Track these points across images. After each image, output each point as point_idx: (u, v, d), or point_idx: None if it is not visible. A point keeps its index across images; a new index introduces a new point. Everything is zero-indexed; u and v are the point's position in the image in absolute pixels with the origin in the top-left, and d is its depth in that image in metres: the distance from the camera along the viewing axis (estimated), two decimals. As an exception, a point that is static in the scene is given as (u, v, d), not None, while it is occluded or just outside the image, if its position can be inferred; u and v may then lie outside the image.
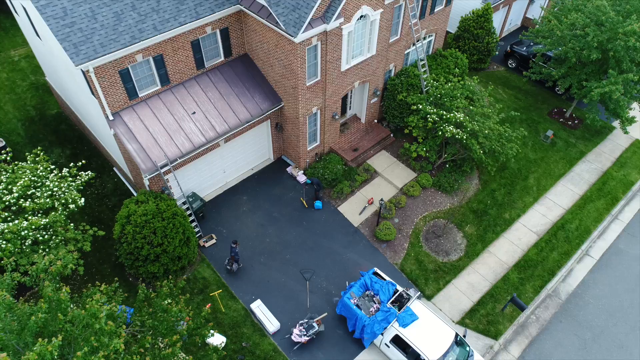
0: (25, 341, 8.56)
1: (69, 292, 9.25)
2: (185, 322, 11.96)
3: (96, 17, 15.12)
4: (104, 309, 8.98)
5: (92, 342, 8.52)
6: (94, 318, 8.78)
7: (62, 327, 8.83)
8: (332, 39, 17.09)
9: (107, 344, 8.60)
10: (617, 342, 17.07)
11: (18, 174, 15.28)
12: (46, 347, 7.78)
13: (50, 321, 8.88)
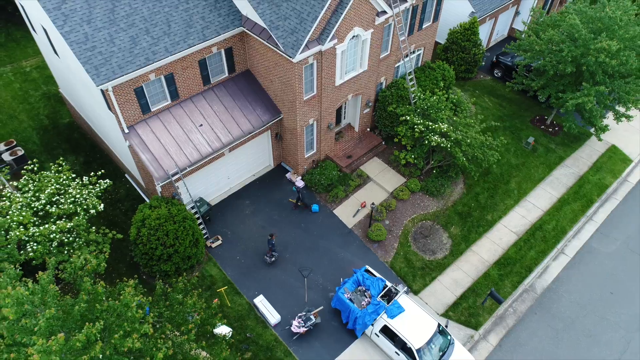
0: (69, 327, 10.31)
1: (104, 287, 11.03)
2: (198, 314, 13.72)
3: (114, 41, 16.88)
4: (135, 300, 10.76)
5: (125, 327, 10.31)
6: (126, 307, 10.57)
7: (99, 315, 10.60)
8: (327, 58, 18.88)
9: (138, 329, 10.39)
10: (586, 331, 18.91)
11: (44, 183, 17.04)
12: (91, 330, 9.55)
13: (89, 310, 10.65)
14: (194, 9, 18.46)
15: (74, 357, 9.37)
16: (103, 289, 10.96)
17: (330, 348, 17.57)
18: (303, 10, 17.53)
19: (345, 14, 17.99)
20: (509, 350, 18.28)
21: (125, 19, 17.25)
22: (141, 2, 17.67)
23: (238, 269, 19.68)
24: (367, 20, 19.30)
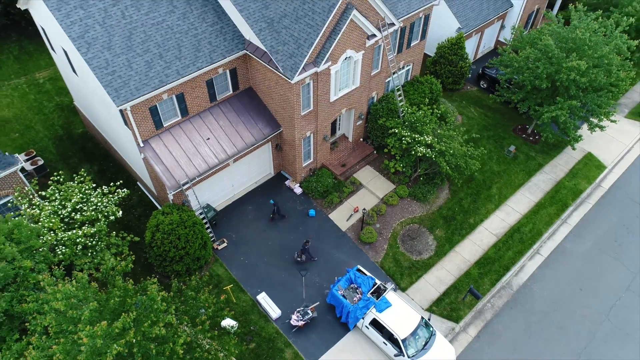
0: (104, 318, 12.39)
1: (132, 284, 13.11)
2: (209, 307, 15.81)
3: (131, 65, 18.97)
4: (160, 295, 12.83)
5: (152, 317, 12.40)
6: (152, 301, 12.67)
7: (129, 308, 12.69)
8: (322, 78, 20.99)
9: (163, 319, 12.50)
10: (556, 324, 21.07)
11: (69, 192, 19.12)
12: (127, 319, 11.63)
13: (121, 303, 12.74)
14: (202, 34, 20.55)
15: (112, 342, 11.45)
16: (132, 286, 13.06)
17: (325, 339, 19.71)
18: (300, 37, 19.64)
19: (338, 39, 20.09)
20: (486, 341, 20.43)
21: (141, 45, 19.34)
22: (155, 30, 19.76)
23: (242, 268, 21.80)
24: (358, 43, 21.40)
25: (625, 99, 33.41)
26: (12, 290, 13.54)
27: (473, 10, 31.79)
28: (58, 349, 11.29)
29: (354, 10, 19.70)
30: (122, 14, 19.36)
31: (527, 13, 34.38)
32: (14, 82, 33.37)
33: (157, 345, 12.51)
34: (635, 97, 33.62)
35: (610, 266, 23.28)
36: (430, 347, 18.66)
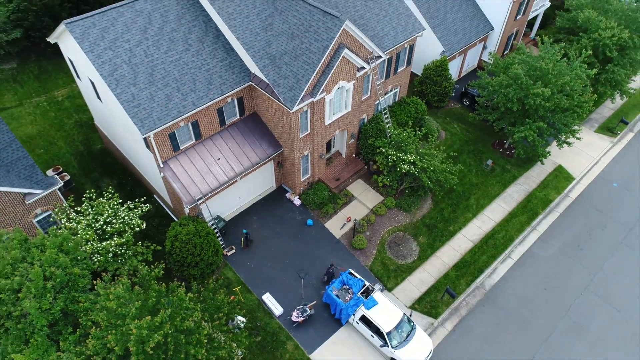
0: (144, 314, 15.64)
1: (165, 287, 16.38)
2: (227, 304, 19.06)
3: (154, 99, 22.22)
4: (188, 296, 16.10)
5: (182, 314, 15.68)
6: (181, 300, 15.95)
7: (163, 307, 15.96)
8: (318, 106, 24.27)
9: (190, 315, 15.79)
10: (522, 319, 24.41)
11: (100, 208, 22.37)
12: (164, 315, 14.89)
13: (156, 302, 16.01)
14: (214, 69, 23.81)
15: (153, 332, 14.68)
16: (165, 289, 16.34)
17: (321, 333, 23.03)
18: (299, 72, 22.90)
19: (332, 73, 23.36)
20: (460, 334, 23.77)
21: (161, 81, 22.59)
22: (173, 66, 23.01)
23: (249, 272, 25.10)
24: (349, 75, 24.69)
25: (596, 114, 36.79)
26: (65, 293, 16.78)
27: (456, 35, 35.09)
28: (112, 338, 14.54)
29: (345, 49, 22.98)
30: (145, 53, 22.60)
31: (507, 35, 37.70)
32: (35, 100, 36.55)
33: (185, 336, 15.80)
34: (606, 113, 36.98)
35: (572, 268, 26.65)
36: (411, 339, 21.99)
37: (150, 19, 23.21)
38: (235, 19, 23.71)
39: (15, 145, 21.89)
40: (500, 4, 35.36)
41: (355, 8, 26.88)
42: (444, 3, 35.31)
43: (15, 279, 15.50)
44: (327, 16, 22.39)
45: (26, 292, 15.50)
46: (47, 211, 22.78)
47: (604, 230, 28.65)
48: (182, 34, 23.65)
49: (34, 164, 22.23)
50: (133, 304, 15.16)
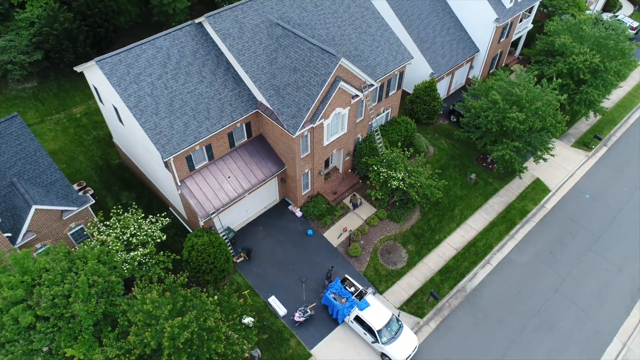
0: (174, 315, 18.95)
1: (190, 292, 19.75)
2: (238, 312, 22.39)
3: (173, 126, 25.52)
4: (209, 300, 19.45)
5: (204, 315, 19.01)
6: (203, 303, 19.29)
7: (188, 309, 19.29)
8: (317, 130, 27.60)
9: (212, 315, 19.13)
10: (498, 318, 27.79)
11: (126, 222, 25.69)
12: (190, 316, 18.22)
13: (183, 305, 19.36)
14: (225, 98, 27.13)
15: (182, 331, 18.00)
16: (189, 293, 19.69)
17: (321, 331, 26.40)
18: (300, 102, 26.23)
19: (330, 102, 26.69)
20: (443, 332, 27.15)
21: (179, 110, 25.90)
22: (189, 97, 26.32)
23: (256, 277, 28.46)
24: (345, 102, 28.03)
25: (573, 129, 40.20)
26: (105, 297, 20.08)
27: (444, 57, 38.44)
28: (148, 335, 17.85)
29: (341, 82, 26.32)
30: (165, 86, 25.92)
31: (492, 56, 41.06)
32: (55, 117, 39.82)
33: (207, 333, 19.15)
34: (582, 128, 40.39)
35: (544, 273, 30.04)
36: (399, 336, 25.36)
37: (169, 54, 26.51)
38: (244, 54, 27.03)
39: (52, 168, 25.19)
40: (484, 29, 38.70)
41: (351, 40, 30.22)
42: (433, 28, 38.65)
43: (65, 286, 18.79)
44: (325, 53, 25.71)
45: (75, 297, 18.80)
46: (80, 225, 26.09)
47: (575, 239, 32.04)
48: (197, 67, 26.96)
49: (69, 184, 25.55)
50: (165, 307, 18.51)
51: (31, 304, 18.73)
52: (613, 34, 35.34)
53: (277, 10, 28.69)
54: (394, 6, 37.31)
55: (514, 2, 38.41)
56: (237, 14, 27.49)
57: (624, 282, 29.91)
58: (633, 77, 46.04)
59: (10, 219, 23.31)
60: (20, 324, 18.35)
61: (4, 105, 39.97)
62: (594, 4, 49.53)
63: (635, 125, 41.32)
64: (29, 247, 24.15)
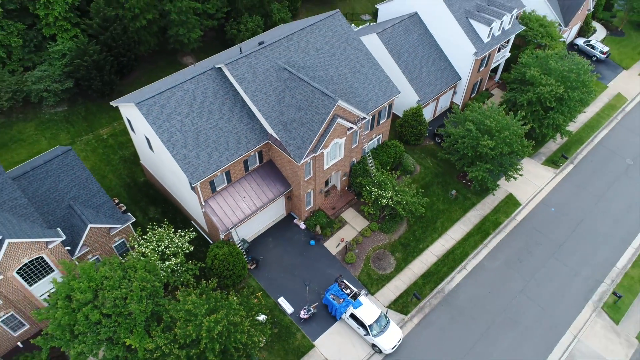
0: (207, 314, 24.58)
1: (219, 294, 25.42)
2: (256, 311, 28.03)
3: (199, 157, 31.10)
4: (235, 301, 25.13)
5: (232, 312, 24.66)
6: (230, 304, 24.94)
7: (219, 308, 24.93)
8: (318, 158, 33.21)
9: (237, 313, 24.79)
10: (470, 315, 33.48)
11: (160, 236, 31.28)
12: (222, 313, 23.83)
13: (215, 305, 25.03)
14: (241, 132, 32.71)
15: (215, 325, 23.63)
16: (218, 295, 25.38)
17: (322, 326, 32.07)
18: (304, 135, 31.81)
19: (329, 135, 32.28)
20: (424, 326, 32.83)
21: (204, 143, 31.47)
22: (212, 131, 31.89)
23: (267, 281, 34.10)
24: (342, 133, 33.63)
25: (544, 148, 45.88)
26: (152, 299, 25.65)
27: (429, 86, 44.07)
28: (191, 329, 23.46)
29: (338, 118, 31.92)
30: (192, 123, 31.49)
31: (472, 83, 46.71)
32: (85, 138, 45.34)
33: (233, 327, 24.80)
34: (553, 147, 46.08)
35: (512, 277, 35.73)
36: (386, 329, 31.05)
37: (195, 95, 32.10)
38: (257, 94, 32.63)
39: (101, 192, 30.76)
40: (465, 61, 44.32)
41: (346, 79, 35.85)
42: (420, 59, 44.27)
43: (122, 291, 24.35)
44: (325, 96, 31.32)
45: (130, 299, 24.36)
46: (122, 238, 31.69)
47: (540, 247, 37.75)
48: (218, 106, 32.55)
49: (114, 206, 31.13)
50: (202, 307, 24.18)
51: (97, 305, 24.31)
52: (575, 68, 40.97)
53: (284, 55, 34.27)
54: (385, 41, 42.90)
55: (491, 37, 44.00)
56: (251, 60, 33.07)
57: (579, 284, 35.63)
58: (601, 99, 51.76)
59: (69, 236, 28.87)
60: (90, 319, 23.94)
61: (39, 127, 45.49)
62: (567, 31, 55.13)
63: (600, 144, 47.01)
64: (84, 259, 29.75)
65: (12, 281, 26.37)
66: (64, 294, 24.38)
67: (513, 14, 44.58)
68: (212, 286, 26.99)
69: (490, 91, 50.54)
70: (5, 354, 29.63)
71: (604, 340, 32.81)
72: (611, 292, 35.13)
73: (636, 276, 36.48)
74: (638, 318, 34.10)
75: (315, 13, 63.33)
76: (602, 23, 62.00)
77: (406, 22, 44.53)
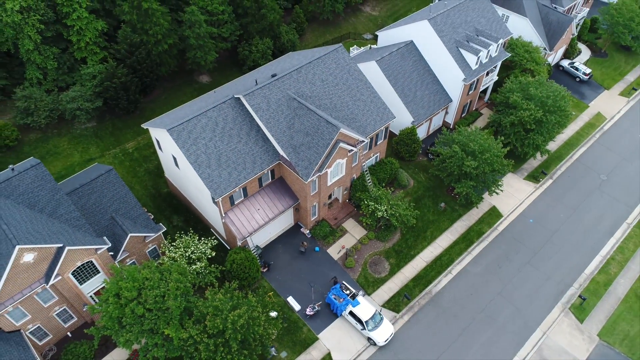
0: (231, 309, 30.12)
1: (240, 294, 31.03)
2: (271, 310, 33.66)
3: (221, 176, 36.67)
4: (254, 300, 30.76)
5: (251, 309, 30.25)
6: (250, 301, 30.52)
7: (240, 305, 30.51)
8: (323, 176, 38.75)
9: (255, 309, 30.41)
10: (454, 314, 38.97)
11: (186, 243, 36.90)
12: (243, 309, 29.38)
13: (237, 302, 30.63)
14: (256, 153, 38.27)
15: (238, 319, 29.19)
16: (240, 294, 31.05)
17: (325, 321, 37.66)
18: (311, 157, 37.33)
19: (332, 157, 37.79)
20: (413, 323, 38.37)
21: (225, 163, 37.04)
22: (231, 153, 37.46)
23: (278, 283, 39.70)
24: (343, 155, 39.15)
25: (527, 165, 51.28)
26: (184, 297, 31.24)
27: (423, 108, 49.53)
28: (218, 321, 29.06)
29: (340, 143, 37.44)
30: (215, 146, 37.07)
31: (462, 105, 52.16)
32: (113, 152, 50.99)
33: (252, 321, 30.41)
34: (535, 164, 51.44)
35: (491, 280, 41.21)
36: (380, 325, 36.62)
37: (217, 122, 37.68)
38: (270, 121, 38.19)
39: (137, 206, 36.40)
40: (455, 85, 49.75)
41: (348, 106, 41.38)
42: (415, 84, 49.71)
43: (161, 290, 29.96)
44: (329, 124, 36.83)
45: (168, 297, 29.97)
46: (154, 245, 37.35)
47: (517, 254, 43.21)
48: (236, 131, 38.12)
49: (148, 217, 36.76)
50: (227, 304, 29.81)
51: (141, 301, 29.93)
52: (552, 95, 46.35)
53: (294, 86, 39.81)
54: (383, 68, 48.36)
55: (478, 64, 49.40)
56: (265, 91, 38.64)
57: (550, 287, 41.09)
58: (581, 118, 57.12)
59: (112, 243, 34.50)
60: (136, 313, 29.57)
61: (72, 142, 51.20)
62: (553, 54, 60.44)
63: (578, 160, 52.37)
64: (123, 262, 35.42)
65: (68, 281, 32.04)
66: (113, 292, 30.01)
67: (499, 44, 49.94)
68: (234, 287, 32.63)
69: (479, 111, 55.97)
70: (57, 342, 35.32)
71: (569, 337, 38.28)
72: (577, 296, 40.54)
73: (601, 281, 41.90)
74: (600, 318, 39.54)
75: (320, 33, 68.93)
76: (587, 44, 67.21)
77: (402, 50, 49.96)
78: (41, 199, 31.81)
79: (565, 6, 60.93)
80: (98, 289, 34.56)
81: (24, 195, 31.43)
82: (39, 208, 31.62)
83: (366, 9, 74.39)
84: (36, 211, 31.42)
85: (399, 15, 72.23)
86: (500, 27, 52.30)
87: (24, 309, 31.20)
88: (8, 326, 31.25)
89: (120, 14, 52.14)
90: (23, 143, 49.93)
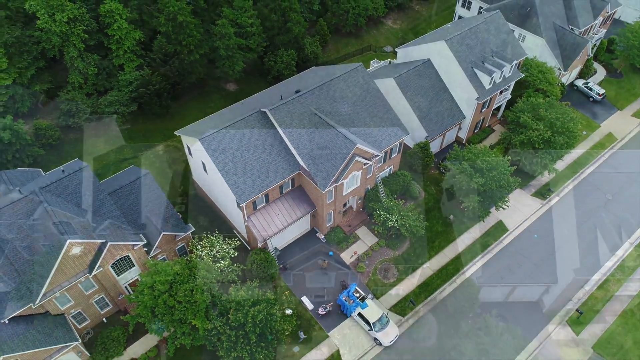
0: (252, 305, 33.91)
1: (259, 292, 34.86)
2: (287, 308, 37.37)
3: (246, 183, 40.50)
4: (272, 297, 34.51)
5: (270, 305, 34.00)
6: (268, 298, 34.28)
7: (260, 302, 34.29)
8: (339, 187, 42.30)
9: (274, 305, 34.13)
10: (454, 318, 42.10)
11: (212, 242, 40.85)
12: (263, 305, 33.20)
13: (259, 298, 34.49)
14: (278, 163, 42.00)
15: (258, 314, 32.90)
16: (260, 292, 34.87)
17: (335, 321, 41.23)
18: (329, 169, 40.90)
19: (348, 169, 41.31)
20: (416, 326, 41.68)
21: (250, 171, 40.86)
22: (256, 162, 41.26)
23: (293, 282, 43.39)
24: (359, 167, 42.63)
25: (535, 181, 54.00)
26: (209, 291, 35.12)
27: (437, 123, 52.68)
28: (240, 315, 32.85)
29: (356, 157, 40.94)
30: (241, 155, 40.92)
31: (475, 122, 55.10)
32: (145, 153, 55.31)
33: (270, 316, 34.12)
34: (543, 181, 54.11)
35: (492, 290, 44.18)
36: (386, 327, 40.04)
37: (244, 133, 41.53)
38: (292, 134, 41.89)
39: (169, 207, 40.52)
40: (468, 103, 52.75)
41: (364, 121, 44.85)
42: (430, 100, 52.89)
43: (190, 284, 33.91)
44: (346, 139, 40.36)
45: (195, 291, 33.90)
46: (182, 243, 41.43)
47: (520, 268, 46.11)
48: (261, 142, 41.91)
49: (179, 217, 40.84)
50: (249, 299, 33.64)
51: (172, 294, 33.94)
52: (560, 117, 49.04)
53: (315, 102, 43.44)
54: (400, 84, 51.65)
55: (492, 84, 52.30)
56: (289, 107, 42.35)
57: (550, 301, 43.88)
58: (592, 138, 59.44)
59: (146, 240, 38.62)
60: (167, 304, 33.58)
61: (107, 143, 55.73)
62: (567, 74, 62.84)
63: (586, 179, 54.84)
64: (155, 258, 39.55)
65: (107, 272, 36.27)
66: (148, 284, 34.07)
67: (513, 65, 52.75)
68: (255, 285, 36.44)
69: (492, 127, 58.83)
70: (94, 327, 39.64)
71: (564, 348, 41.14)
72: (575, 310, 43.26)
73: (599, 297, 44.55)
74: (596, 331, 42.26)
75: (342, 45, 72.46)
76: (603, 64, 69.29)
77: (419, 68, 53.16)
78: (87, 199, 36.08)
79: (582, 28, 63.21)
80: (132, 281, 38.75)
81: (73, 194, 35.74)
82: (85, 206, 35.88)
83: (388, 22, 77.64)
84: (83, 209, 35.69)
85: (419, 29, 75.31)
86: (515, 48, 55.02)
87: (69, 295, 35.51)
88: (55, 310, 35.60)
89: (156, 25, 56.48)
90: (64, 142, 54.61)
